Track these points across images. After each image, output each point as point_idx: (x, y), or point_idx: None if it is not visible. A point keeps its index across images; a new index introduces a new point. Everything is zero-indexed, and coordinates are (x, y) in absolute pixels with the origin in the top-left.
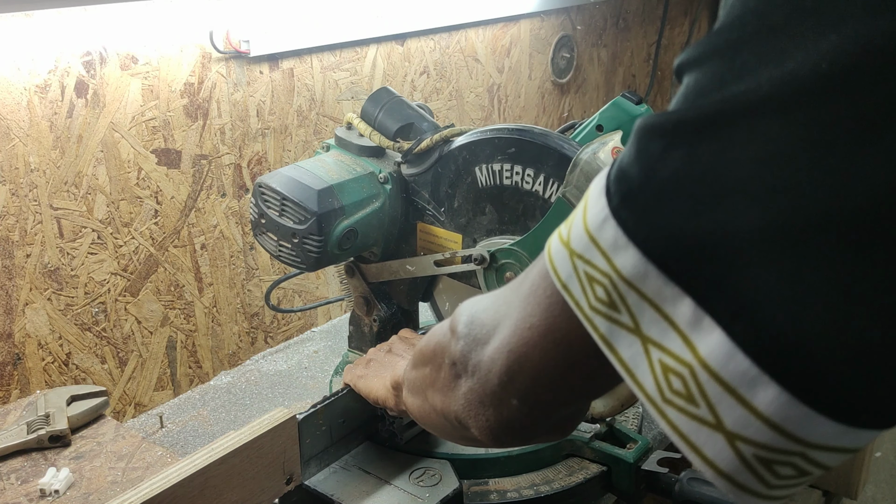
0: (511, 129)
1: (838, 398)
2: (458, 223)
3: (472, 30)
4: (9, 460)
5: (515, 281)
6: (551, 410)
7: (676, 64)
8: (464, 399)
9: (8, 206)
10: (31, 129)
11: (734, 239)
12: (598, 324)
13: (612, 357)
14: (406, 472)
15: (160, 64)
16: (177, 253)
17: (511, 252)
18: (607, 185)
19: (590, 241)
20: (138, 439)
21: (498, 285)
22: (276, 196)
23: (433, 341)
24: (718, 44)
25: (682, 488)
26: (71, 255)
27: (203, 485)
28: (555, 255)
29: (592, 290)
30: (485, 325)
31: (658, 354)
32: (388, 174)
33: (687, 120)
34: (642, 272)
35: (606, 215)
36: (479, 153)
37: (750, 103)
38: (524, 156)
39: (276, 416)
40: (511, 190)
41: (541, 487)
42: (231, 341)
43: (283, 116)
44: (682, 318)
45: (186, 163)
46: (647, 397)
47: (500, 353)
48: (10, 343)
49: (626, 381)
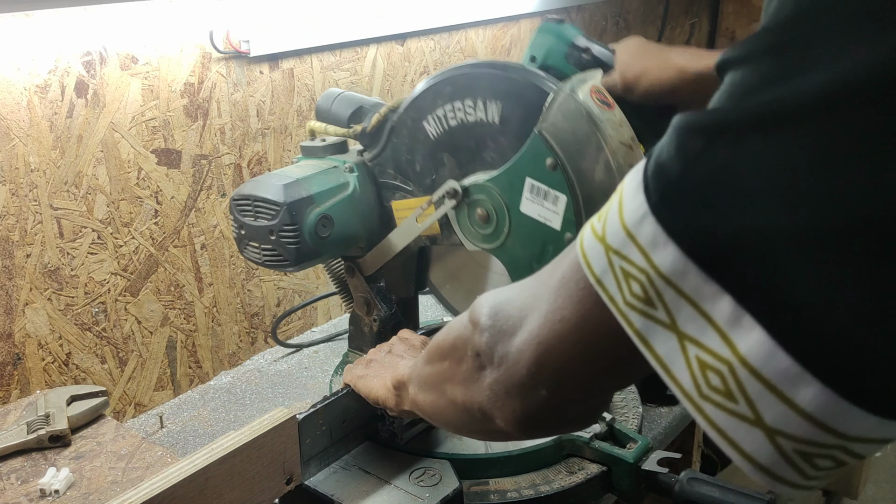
0: (442, 71)
1: (879, 393)
2: (424, 186)
3: (472, 30)
4: (9, 460)
5: (543, 273)
6: (579, 401)
7: (720, 60)
8: (489, 390)
9: (8, 206)
10: (31, 129)
11: (775, 239)
12: (633, 319)
13: (646, 352)
14: (406, 472)
15: (160, 64)
16: (177, 253)
17: (484, 188)
18: (645, 181)
19: (627, 236)
20: (138, 439)
21: (471, 225)
22: (247, 201)
23: (451, 335)
24: (767, 43)
25: (682, 488)
26: (71, 255)
27: (203, 485)
28: (588, 250)
29: (628, 286)
30: (510, 316)
31: (695, 351)
32: (352, 164)
33: (731, 119)
34: (681, 269)
35: (645, 212)
36: (422, 107)
37: (797, 106)
38: (459, 90)
39: (276, 416)
40: (459, 128)
41: (541, 487)
42: (231, 341)
43: (283, 116)
44: (721, 315)
45: (186, 163)
46: (683, 392)
47: (528, 345)
48: (10, 343)
49: (661, 376)
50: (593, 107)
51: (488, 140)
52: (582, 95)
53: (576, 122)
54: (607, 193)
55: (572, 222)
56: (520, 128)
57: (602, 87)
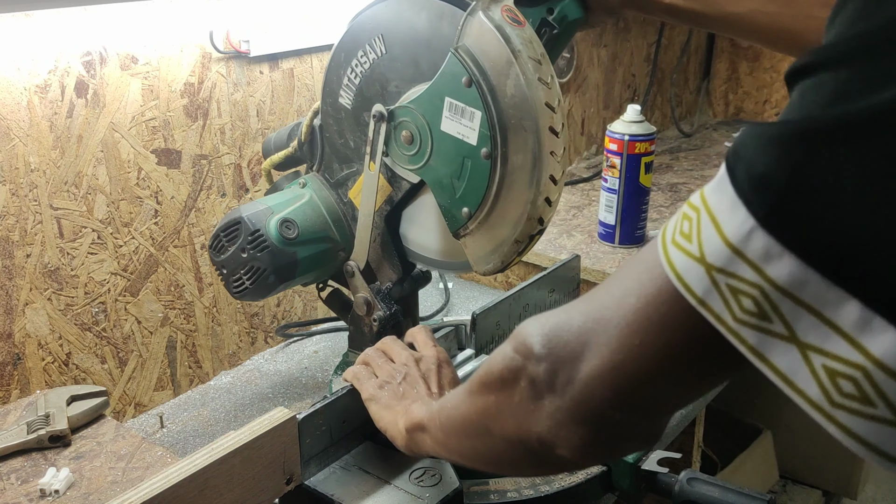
0: (335, 43)
1: None
2: (362, 156)
3: None
4: (9, 460)
5: (595, 300)
6: (656, 421)
7: (791, 70)
8: (550, 420)
9: (8, 206)
10: (31, 129)
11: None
12: (746, 336)
13: (764, 367)
14: (406, 472)
15: (160, 64)
16: (177, 253)
17: (407, 110)
18: (743, 196)
19: (733, 253)
20: (138, 439)
21: (397, 148)
22: (217, 238)
23: (496, 368)
24: (856, 49)
25: (682, 488)
26: (71, 255)
27: (203, 485)
28: (685, 272)
29: (738, 302)
30: (568, 342)
31: (821, 360)
32: (304, 179)
33: (829, 125)
34: (801, 279)
35: (753, 226)
36: (333, 86)
37: (889, 111)
38: (348, 49)
39: (276, 416)
40: (363, 83)
41: (541, 487)
42: (231, 341)
43: (283, 116)
44: (848, 320)
45: (186, 163)
46: (811, 404)
47: (602, 371)
48: (10, 343)
49: (784, 389)
50: (505, 24)
51: (386, 72)
52: (494, 13)
53: (488, 39)
54: (519, 107)
55: (487, 137)
56: (410, 42)
57: (513, 5)
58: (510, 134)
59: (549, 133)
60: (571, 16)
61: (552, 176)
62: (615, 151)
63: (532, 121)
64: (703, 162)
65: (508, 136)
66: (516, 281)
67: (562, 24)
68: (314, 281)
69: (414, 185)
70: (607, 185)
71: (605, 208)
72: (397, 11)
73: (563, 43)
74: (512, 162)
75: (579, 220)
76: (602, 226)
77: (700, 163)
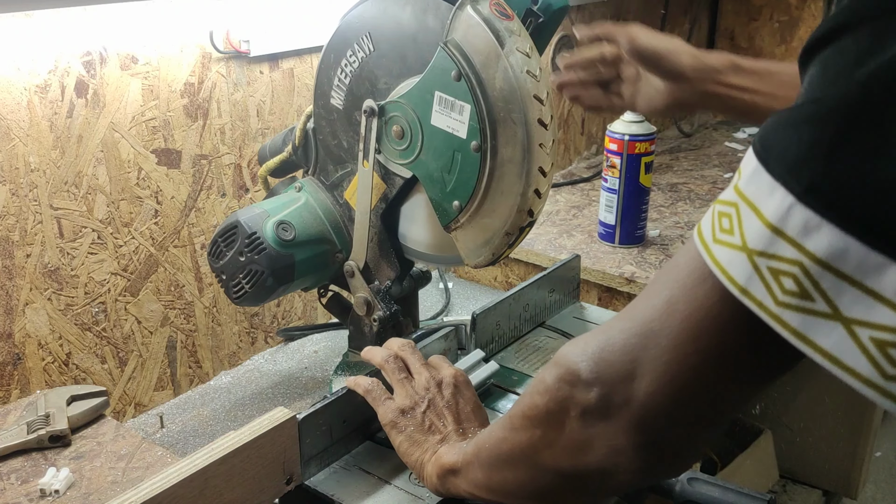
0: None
1: None
2: (355, 156)
3: None
4: (9, 460)
5: (636, 315)
6: (715, 429)
7: (807, 46)
8: (607, 447)
9: (8, 206)
10: (31, 129)
11: None
12: (789, 319)
13: (809, 350)
14: (406, 472)
15: (160, 64)
16: (177, 253)
17: (398, 105)
18: (781, 179)
19: (773, 233)
20: (138, 439)
21: (389, 143)
22: (215, 244)
23: (541, 401)
24: (875, 6)
25: (683, 488)
26: (71, 255)
27: (203, 485)
28: (727, 264)
29: (779, 284)
30: (615, 362)
31: (867, 332)
32: (300, 183)
33: (858, 96)
34: (841, 248)
35: (791, 203)
36: (324, 88)
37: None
38: (337, 50)
39: (276, 416)
40: (353, 82)
41: None
42: (231, 341)
43: (283, 116)
44: (891, 287)
45: (186, 163)
46: (863, 381)
47: (659, 386)
48: (10, 343)
49: (832, 370)
50: (493, 18)
51: (377, 70)
52: (482, 7)
53: (476, 33)
54: (508, 99)
55: (476, 130)
56: (396, 38)
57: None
58: (499, 127)
59: (538, 125)
60: (556, 4)
61: (541, 168)
62: (615, 151)
63: (521, 113)
64: (703, 162)
65: (498, 129)
66: (516, 281)
67: (547, 13)
68: (313, 286)
69: (407, 180)
70: (607, 185)
71: (605, 208)
72: (382, 8)
73: (551, 31)
74: (501, 154)
75: (579, 220)
76: (602, 226)
77: (700, 163)
